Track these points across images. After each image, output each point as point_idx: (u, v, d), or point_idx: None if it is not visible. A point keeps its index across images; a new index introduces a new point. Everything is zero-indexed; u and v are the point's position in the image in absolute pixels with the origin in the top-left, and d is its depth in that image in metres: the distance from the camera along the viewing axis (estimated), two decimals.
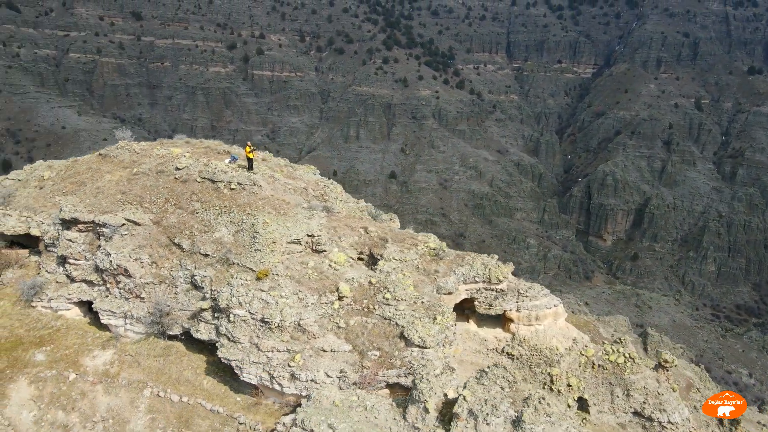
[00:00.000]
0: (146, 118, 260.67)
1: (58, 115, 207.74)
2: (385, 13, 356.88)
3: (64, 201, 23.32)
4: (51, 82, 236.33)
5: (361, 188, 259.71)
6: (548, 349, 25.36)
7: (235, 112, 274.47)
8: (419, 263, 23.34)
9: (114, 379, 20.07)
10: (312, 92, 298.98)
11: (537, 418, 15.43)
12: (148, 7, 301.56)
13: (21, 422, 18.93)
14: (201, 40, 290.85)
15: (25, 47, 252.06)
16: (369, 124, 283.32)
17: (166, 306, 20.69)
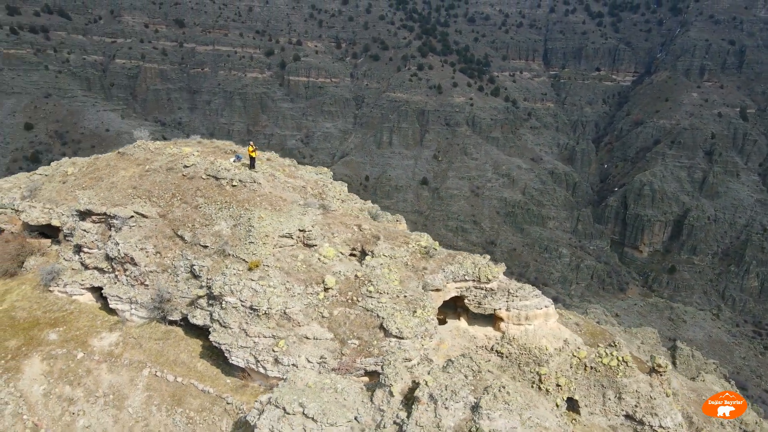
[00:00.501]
0: (186, 121, 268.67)
1: (102, 118, 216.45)
2: (421, 21, 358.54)
3: (82, 194, 25.19)
4: (97, 86, 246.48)
5: (393, 194, 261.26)
6: (537, 348, 25.82)
7: (270, 116, 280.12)
8: (409, 260, 24.23)
9: (117, 359, 21.66)
10: (346, 98, 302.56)
11: (495, 405, 16.13)
12: (191, 14, 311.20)
13: (32, 395, 20.67)
14: (240, 46, 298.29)
15: (74, 53, 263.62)
16: (402, 130, 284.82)
17: (167, 293, 22.19)
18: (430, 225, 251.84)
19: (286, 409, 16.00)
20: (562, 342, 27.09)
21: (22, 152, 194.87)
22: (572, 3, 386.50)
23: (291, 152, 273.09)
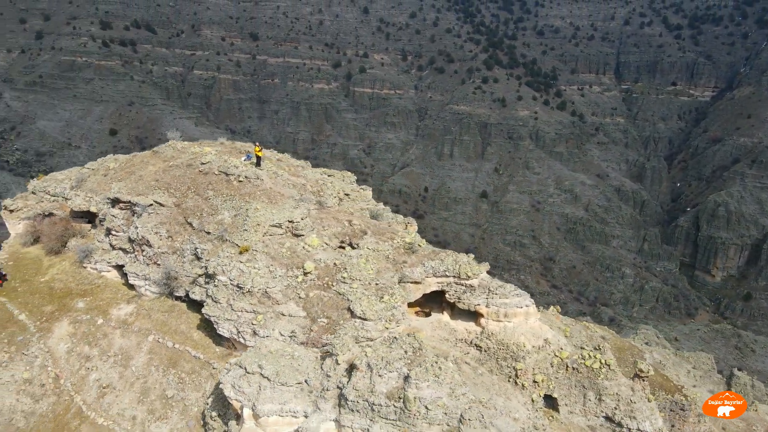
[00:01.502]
0: (254, 130, 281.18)
1: (178, 126, 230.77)
2: (489, 34, 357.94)
3: (115, 185, 29.07)
4: (175, 95, 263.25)
5: (451, 206, 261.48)
6: (515, 345, 27.07)
7: (334, 126, 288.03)
8: (391, 254, 26.22)
9: (129, 326, 24.99)
10: (409, 109, 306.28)
11: (424, 376, 17.87)
12: (265, 28, 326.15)
13: (57, 351, 24.35)
14: (309, 58, 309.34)
15: (157, 65, 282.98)
16: (463, 143, 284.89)
17: (175, 272, 25.36)
18: (488, 238, 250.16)
19: (246, 369, 18.52)
20: (542, 341, 28.16)
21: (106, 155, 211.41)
22: (648, 15, 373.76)
23: (353, 162, 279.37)
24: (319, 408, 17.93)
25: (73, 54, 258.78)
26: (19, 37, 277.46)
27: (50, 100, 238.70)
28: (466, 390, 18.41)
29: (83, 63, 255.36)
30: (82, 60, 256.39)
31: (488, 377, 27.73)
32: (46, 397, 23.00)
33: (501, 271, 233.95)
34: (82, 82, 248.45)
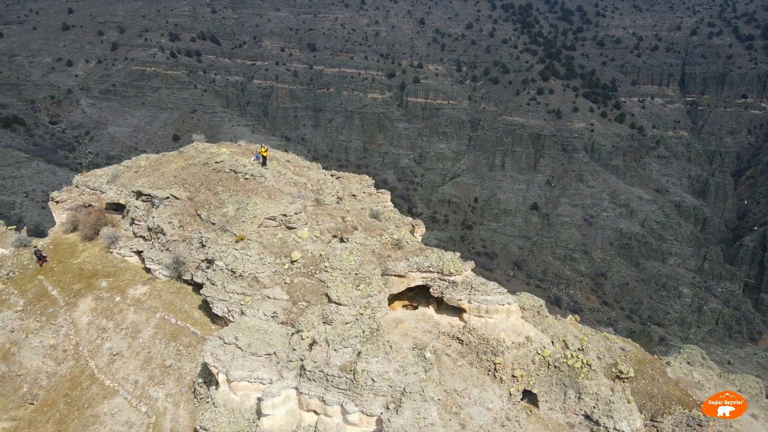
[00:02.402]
0: (308, 138, 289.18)
1: (236, 132, 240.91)
2: (546, 44, 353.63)
3: (140, 180, 32.55)
4: (235, 103, 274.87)
5: (501, 217, 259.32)
6: (495, 340, 28.38)
7: (386, 135, 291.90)
8: (377, 248, 28.13)
9: (141, 305, 28.07)
10: (462, 120, 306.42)
11: (375, 352, 19.70)
12: (323, 39, 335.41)
13: (79, 323, 27.74)
14: (364, 68, 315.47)
15: (219, 74, 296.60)
16: (515, 154, 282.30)
17: (183, 258, 28.26)
18: (537, 251, 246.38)
19: (224, 340, 21.01)
20: (523, 338, 29.31)
21: None
22: (718, 25, 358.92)
23: (403, 171, 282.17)
24: (283, 376, 20.16)
25: (144, 64, 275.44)
26: (97, 48, 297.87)
27: (121, 107, 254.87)
28: (418, 369, 20.16)
29: (152, 72, 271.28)
30: (151, 70, 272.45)
31: (467, 369, 29.11)
32: (66, 360, 26.37)
33: (549, 285, 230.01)
34: (150, 90, 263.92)
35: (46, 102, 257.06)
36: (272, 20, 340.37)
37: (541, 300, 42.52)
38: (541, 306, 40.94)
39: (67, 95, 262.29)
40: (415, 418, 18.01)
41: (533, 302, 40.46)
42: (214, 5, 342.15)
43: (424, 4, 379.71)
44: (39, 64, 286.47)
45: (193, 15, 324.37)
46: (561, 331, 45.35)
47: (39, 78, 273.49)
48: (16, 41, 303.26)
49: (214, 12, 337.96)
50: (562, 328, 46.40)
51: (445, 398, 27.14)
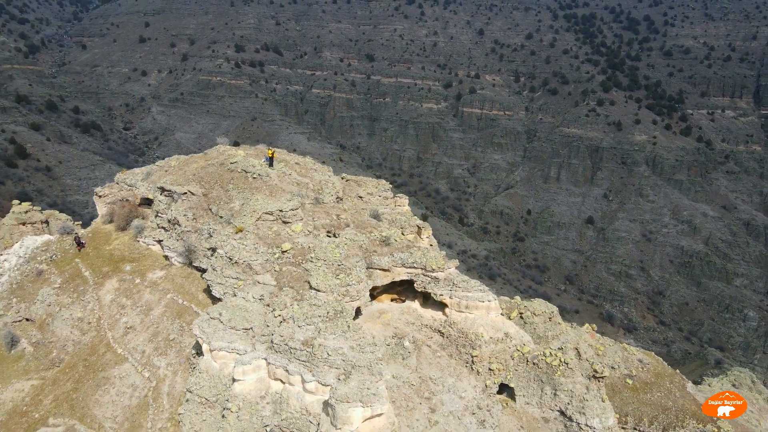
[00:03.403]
0: (363, 146, 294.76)
1: (292, 140, 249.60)
2: (609, 54, 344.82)
3: (166, 177, 36.41)
4: (293, 112, 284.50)
5: (554, 230, 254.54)
6: (474, 334, 30.07)
7: (440, 145, 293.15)
8: (365, 244, 30.42)
9: (156, 287, 31.63)
10: (518, 131, 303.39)
11: (333, 330, 22.03)
12: (381, 50, 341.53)
13: (104, 300, 31.64)
14: (420, 78, 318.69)
15: (280, 83, 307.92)
16: (572, 166, 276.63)
17: (194, 246, 31.61)
18: (591, 266, 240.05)
19: (210, 315, 24.02)
20: (502, 334, 30.80)
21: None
22: None
23: (456, 181, 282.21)
24: (255, 348, 22.90)
25: (210, 74, 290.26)
26: (169, 59, 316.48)
27: (188, 115, 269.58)
28: (375, 350, 22.37)
29: (217, 82, 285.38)
30: (217, 79, 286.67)
31: (446, 360, 30.90)
32: (89, 331, 30.23)
33: (602, 301, 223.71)
34: (215, 98, 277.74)
35: (121, 109, 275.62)
36: (333, 31, 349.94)
37: (554, 307, 43.56)
38: (553, 312, 42.04)
39: (140, 103, 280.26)
40: (359, 388, 20.22)
41: (545, 308, 41.65)
42: (278, 18, 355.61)
43: (484, 14, 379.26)
44: (117, 74, 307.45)
45: (258, 27, 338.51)
46: (574, 338, 46.28)
47: (116, 87, 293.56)
48: (98, 53, 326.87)
49: (278, 24, 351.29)
50: (576, 335, 47.28)
51: (419, 384, 29.15)
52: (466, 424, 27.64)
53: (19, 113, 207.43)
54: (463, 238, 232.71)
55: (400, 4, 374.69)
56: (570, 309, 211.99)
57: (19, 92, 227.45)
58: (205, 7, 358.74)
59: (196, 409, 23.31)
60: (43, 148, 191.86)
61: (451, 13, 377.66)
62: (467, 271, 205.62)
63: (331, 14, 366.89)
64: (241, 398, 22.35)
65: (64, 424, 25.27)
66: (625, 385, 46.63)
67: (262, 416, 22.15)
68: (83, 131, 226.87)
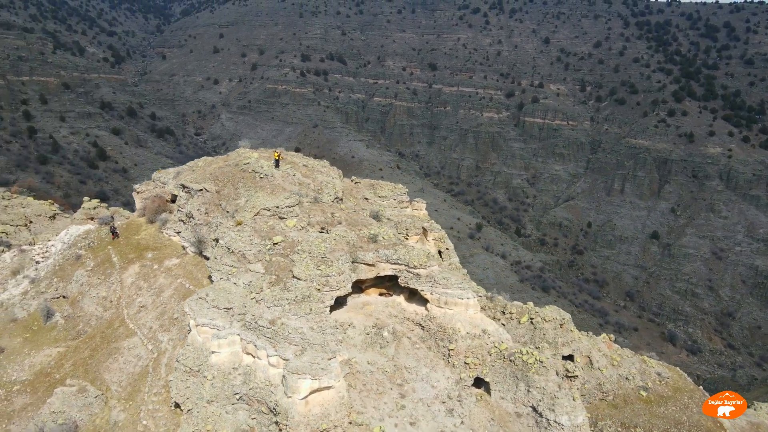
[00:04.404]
0: (422, 154, 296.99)
1: (351, 147, 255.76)
2: (683, 63, 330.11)
3: (189, 176, 40.37)
4: (353, 119, 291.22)
5: (615, 244, 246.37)
6: (451, 329, 31.69)
7: (500, 155, 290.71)
8: (353, 240, 32.67)
9: (170, 272, 35.35)
10: (581, 141, 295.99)
11: (297, 311, 24.54)
12: (444, 59, 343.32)
13: (125, 281, 35.72)
14: (482, 87, 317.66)
15: (343, 92, 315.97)
16: (637, 179, 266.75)
17: (204, 238, 35.11)
18: (654, 283, 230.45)
19: (199, 296, 27.22)
20: (479, 330, 32.21)
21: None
22: None
23: (514, 191, 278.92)
24: (232, 325, 25.83)
25: (276, 83, 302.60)
26: (239, 68, 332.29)
27: (254, 121, 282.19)
28: (336, 332, 24.75)
29: (282, 90, 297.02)
30: (282, 88, 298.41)
31: (424, 352, 32.64)
32: (110, 308, 34.33)
33: (665, 320, 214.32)
34: (279, 106, 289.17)
35: (193, 115, 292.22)
36: (397, 41, 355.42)
37: (567, 314, 44.35)
38: (565, 320, 42.96)
39: (210, 110, 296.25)
40: (310, 362, 22.63)
41: (557, 315, 42.65)
42: (344, 28, 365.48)
43: (551, 23, 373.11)
44: (192, 82, 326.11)
45: (325, 37, 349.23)
46: (586, 346, 47.04)
47: (190, 95, 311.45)
48: (176, 63, 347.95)
49: (343, 34, 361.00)
50: (589, 343, 47.96)
51: (393, 371, 31.14)
52: (434, 412, 29.35)
53: (102, 119, 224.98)
54: (518, 249, 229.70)
55: (464, 13, 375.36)
56: (628, 326, 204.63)
57: (104, 99, 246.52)
58: (276, 19, 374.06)
59: (181, 377, 26.51)
60: (121, 151, 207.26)
61: (516, 21, 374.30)
62: (519, 282, 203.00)
63: (396, 24, 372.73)
64: (216, 368, 25.32)
65: (78, 384, 29.19)
66: (639, 396, 46.47)
67: (233, 385, 25.00)
68: (158, 136, 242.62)
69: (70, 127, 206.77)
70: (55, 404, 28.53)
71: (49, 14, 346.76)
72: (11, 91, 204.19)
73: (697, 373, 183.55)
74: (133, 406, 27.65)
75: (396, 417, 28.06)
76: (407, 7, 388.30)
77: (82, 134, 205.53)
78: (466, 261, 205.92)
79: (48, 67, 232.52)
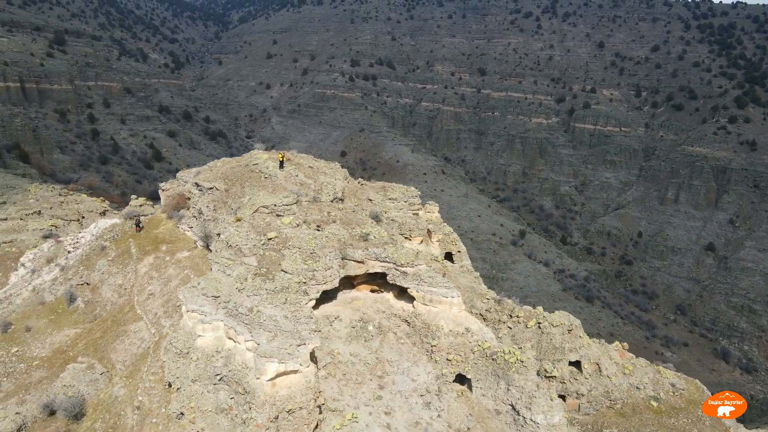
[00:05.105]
0: (468, 159, 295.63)
1: (396, 151, 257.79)
2: (748, 67, 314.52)
3: (204, 175, 43.15)
4: (399, 124, 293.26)
5: (667, 255, 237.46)
6: (435, 326, 32.77)
7: (548, 161, 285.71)
8: (344, 238, 34.18)
9: (179, 264, 38.00)
10: (634, 148, 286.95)
11: (271, 301, 26.34)
12: (493, 64, 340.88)
13: (140, 271, 38.68)
14: (531, 93, 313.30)
15: (391, 97, 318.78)
16: (693, 188, 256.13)
17: (210, 232, 37.55)
18: (707, 297, 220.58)
19: (192, 284, 29.53)
20: (463, 329, 33.12)
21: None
22: None
23: (562, 198, 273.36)
24: (218, 311, 27.95)
25: (325, 87, 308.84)
26: (291, 74, 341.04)
27: (302, 125, 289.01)
28: (310, 321, 26.47)
29: (331, 95, 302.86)
30: (331, 92, 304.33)
31: (408, 347, 33.80)
32: (124, 295, 37.33)
33: (718, 336, 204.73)
34: (327, 110, 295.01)
35: (245, 119, 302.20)
36: (446, 46, 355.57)
37: (577, 320, 44.72)
38: (573, 325, 43.40)
39: (262, 113, 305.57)
40: (279, 347, 24.38)
41: (565, 321, 43.15)
42: (394, 33, 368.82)
43: (606, 26, 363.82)
44: (245, 87, 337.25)
45: (375, 42, 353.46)
46: (596, 353, 47.16)
47: (243, 99, 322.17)
48: (231, 68, 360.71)
49: (393, 39, 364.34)
50: (599, 350, 48.02)
51: (374, 363, 32.52)
52: (411, 404, 30.53)
53: (159, 122, 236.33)
54: (563, 257, 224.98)
55: (516, 17, 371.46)
56: (678, 341, 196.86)
57: (162, 103, 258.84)
58: (327, 25, 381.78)
59: (173, 358, 28.86)
60: (175, 153, 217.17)
61: (569, 25, 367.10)
62: (562, 291, 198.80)
63: (446, 29, 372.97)
64: (201, 350, 27.48)
65: (87, 362, 32.09)
66: (649, 406, 46.02)
67: (215, 366, 27.08)
68: (211, 138, 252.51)
69: (129, 129, 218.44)
70: (67, 379, 31.52)
71: (116, 23, 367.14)
72: (78, 96, 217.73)
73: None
74: (132, 383, 30.23)
75: (371, 406, 29.42)
76: (458, 12, 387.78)
77: (140, 136, 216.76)
78: (507, 268, 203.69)
79: (112, 73, 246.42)
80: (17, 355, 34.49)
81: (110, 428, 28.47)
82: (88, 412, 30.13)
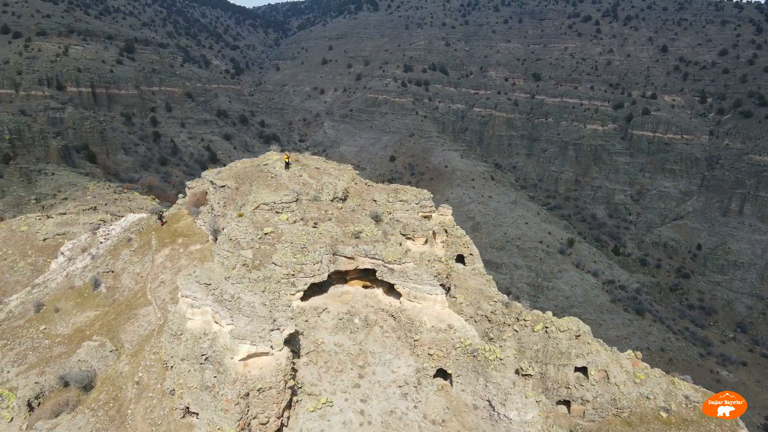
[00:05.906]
0: (519, 166, 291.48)
1: (445, 156, 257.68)
2: None
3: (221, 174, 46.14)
4: (449, 129, 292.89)
5: (728, 269, 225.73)
6: (418, 321, 34.07)
7: (602, 169, 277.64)
8: (337, 235, 35.94)
9: (191, 255, 40.94)
10: (696, 157, 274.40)
11: (251, 289, 28.42)
12: (549, 69, 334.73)
13: (156, 261, 41.93)
14: (587, 99, 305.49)
15: (443, 102, 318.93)
16: (759, 199, 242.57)
17: (218, 227, 40.29)
18: None
19: (189, 273, 32.21)
20: (445, 325, 34.18)
21: (383, 178, 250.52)
22: None
23: (616, 207, 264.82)
24: (207, 297, 30.41)
25: (377, 92, 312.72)
26: (345, 79, 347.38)
27: (353, 129, 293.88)
28: (287, 309, 28.47)
29: (383, 100, 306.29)
30: (383, 97, 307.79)
31: (392, 340, 35.13)
32: (140, 282, 40.66)
33: None
34: (378, 115, 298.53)
35: (299, 123, 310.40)
36: (501, 51, 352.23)
37: (586, 326, 45.05)
38: (581, 331, 43.88)
39: (315, 118, 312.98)
40: (252, 330, 26.47)
41: (573, 326, 43.66)
42: (448, 39, 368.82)
43: (670, 29, 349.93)
44: (300, 92, 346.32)
45: (428, 48, 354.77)
46: (604, 360, 47.39)
47: (298, 104, 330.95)
48: (288, 74, 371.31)
49: (447, 45, 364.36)
50: (608, 358, 48.19)
51: (357, 354, 34.11)
52: (389, 394, 31.93)
53: (217, 125, 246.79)
54: (613, 268, 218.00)
55: (574, 21, 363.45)
56: (735, 360, 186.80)
57: (220, 108, 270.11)
58: (382, 31, 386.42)
59: (168, 339, 31.57)
60: (229, 155, 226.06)
61: (631, 29, 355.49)
62: (611, 302, 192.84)
63: (501, 34, 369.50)
64: (189, 332, 29.98)
65: (100, 341, 35.41)
66: (658, 417, 45.66)
67: (202, 347, 29.48)
68: (264, 142, 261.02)
69: (188, 132, 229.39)
70: (81, 354, 34.92)
71: (183, 31, 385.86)
72: (143, 100, 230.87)
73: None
74: (136, 361, 33.20)
75: (348, 393, 31.04)
76: (514, 16, 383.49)
77: (198, 139, 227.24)
78: (553, 276, 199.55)
79: (175, 79, 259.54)
80: (44, 332, 38.37)
81: (112, 399, 31.45)
82: (96, 384, 33.33)
